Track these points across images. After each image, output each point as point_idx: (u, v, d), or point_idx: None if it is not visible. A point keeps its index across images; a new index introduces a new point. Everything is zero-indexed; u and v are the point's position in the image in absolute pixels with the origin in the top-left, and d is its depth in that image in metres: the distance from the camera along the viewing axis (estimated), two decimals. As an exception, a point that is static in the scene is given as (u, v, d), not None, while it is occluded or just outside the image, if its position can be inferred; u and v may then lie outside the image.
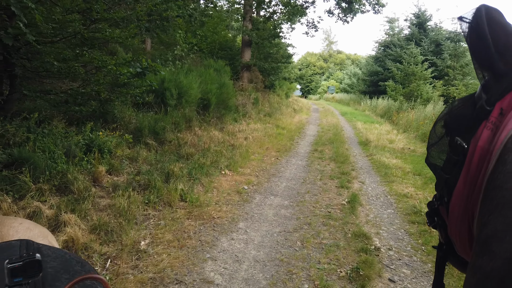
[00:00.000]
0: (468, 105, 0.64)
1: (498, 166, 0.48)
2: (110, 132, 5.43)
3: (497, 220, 0.44)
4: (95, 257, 3.22)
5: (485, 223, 0.47)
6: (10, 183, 3.55)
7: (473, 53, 0.59)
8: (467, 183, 0.57)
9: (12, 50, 4.28)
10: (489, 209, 0.47)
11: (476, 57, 0.59)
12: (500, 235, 0.42)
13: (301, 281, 3.23)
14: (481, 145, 0.54)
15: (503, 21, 0.57)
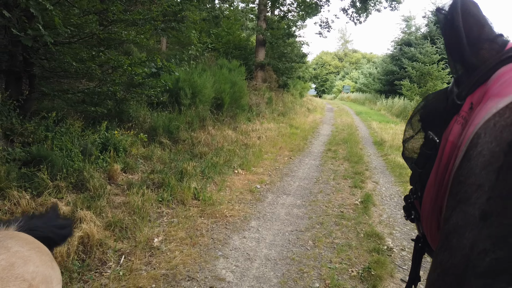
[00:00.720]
0: (441, 99, 0.64)
1: (464, 162, 0.47)
2: (125, 131, 5.53)
3: (458, 216, 0.44)
4: (109, 253, 3.29)
5: (447, 218, 0.46)
6: (28, 180, 3.66)
7: (447, 45, 0.58)
8: (437, 178, 0.56)
9: (32, 50, 4.41)
10: (452, 204, 0.46)
11: (449, 50, 0.58)
12: (460, 231, 0.42)
13: (312, 280, 3.24)
14: (452, 140, 0.54)
15: (477, 13, 0.56)
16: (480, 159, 0.44)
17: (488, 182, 0.41)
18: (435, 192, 0.57)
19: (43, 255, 1.18)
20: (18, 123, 4.11)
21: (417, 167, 0.67)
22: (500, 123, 0.44)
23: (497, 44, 0.55)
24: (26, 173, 3.68)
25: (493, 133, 0.44)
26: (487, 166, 0.42)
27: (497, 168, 0.41)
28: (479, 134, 0.46)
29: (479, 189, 0.42)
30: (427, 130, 0.64)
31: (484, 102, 0.49)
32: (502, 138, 0.42)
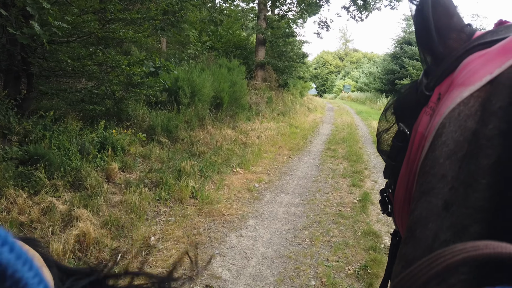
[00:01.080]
0: (412, 91, 0.63)
1: (429, 152, 0.47)
2: (123, 130, 5.53)
3: (422, 206, 0.43)
4: (106, 251, 3.29)
5: (413, 209, 0.46)
6: (25, 179, 3.67)
7: (417, 35, 0.58)
8: (407, 170, 0.56)
9: (29, 50, 4.41)
10: (417, 195, 0.46)
11: (419, 40, 0.58)
12: (424, 222, 0.41)
13: (309, 278, 3.24)
14: (420, 131, 0.53)
15: (447, 3, 0.56)
16: (444, 149, 0.43)
17: (451, 171, 0.41)
18: (406, 184, 0.56)
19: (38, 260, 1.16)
20: (15, 122, 4.12)
21: (390, 159, 0.66)
22: (464, 112, 0.43)
23: (464, 34, 0.54)
24: (23, 172, 3.69)
25: (457, 122, 0.43)
26: (451, 155, 0.42)
27: (461, 157, 0.41)
28: (444, 124, 0.45)
29: (442, 179, 0.42)
30: (399, 122, 0.63)
31: (450, 91, 0.48)
32: (466, 127, 0.42)
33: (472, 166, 0.38)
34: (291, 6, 15.77)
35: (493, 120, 0.38)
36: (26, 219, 3.27)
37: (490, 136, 0.38)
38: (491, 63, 0.44)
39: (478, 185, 0.36)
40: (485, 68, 0.44)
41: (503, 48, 0.44)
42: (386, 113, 0.75)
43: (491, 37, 0.50)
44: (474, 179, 0.37)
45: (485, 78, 0.43)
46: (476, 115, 0.42)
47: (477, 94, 0.43)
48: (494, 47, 0.47)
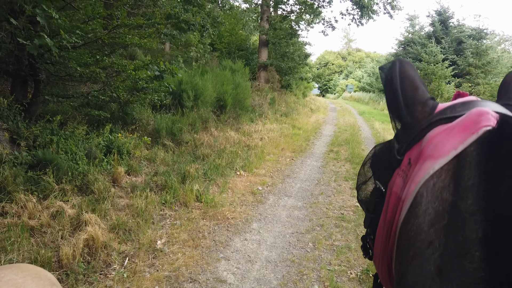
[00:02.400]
0: (386, 151, 0.69)
1: (410, 218, 0.51)
2: (129, 134, 5.61)
3: (415, 271, 0.46)
4: (113, 255, 3.37)
5: (404, 272, 0.49)
6: (35, 184, 3.75)
7: (387, 102, 0.63)
8: (385, 226, 0.60)
9: (37, 55, 4.49)
10: (406, 260, 0.49)
11: (390, 108, 0.63)
12: (420, 286, 0.45)
13: (312, 282, 3.31)
14: (395, 191, 0.58)
15: (413, 75, 0.61)
16: (427, 217, 0.47)
17: (438, 239, 0.45)
18: (384, 238, 0.61)
19: (40, 280, 1.18)
20: (24, 126, 4.20)
21: (368, 212, 0.72)
22: (438, 184, 0.48)
23: (428, 107, 0.60)
24: (32, 177, 3.77)
25: (434, 193, 0.48)
26: (434, 224, 0.46)
27: (444, 227, 0.45)
28: (422, 193, 0.50)
29: (430, 246, 0.45)
30: (375, 179, 0.69)
31: (421, 162, 0.53)
32: (442, 198, 0.46)
33: (460, 237, 0.41)
34: (294, 8, 15.81)
35: (470, 196, 0.42)
36: (36, 224, 3.35)
37: (472, 211, 0.41)
38: (454, 139, 0.49)
39: (472, 257, 0.39)
40: (450, 142, 0.49)
41: (462, 126, 0.50)
42: (364, 167, 0.81)
43: (450, 113, 0.55)
44: (466, 250, 0.40)
45: (451, 153, 0.48)
46: (449, 187, 0.46)
47: (447, 168, 0.48)
48: (454, 123, 0.52)
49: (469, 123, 0.49)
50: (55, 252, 3.14)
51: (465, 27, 23.23)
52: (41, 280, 1.17)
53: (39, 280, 1.17)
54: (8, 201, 3.44)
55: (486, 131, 0.45)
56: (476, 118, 0.48)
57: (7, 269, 1.16)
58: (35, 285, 1.13)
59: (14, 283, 1.07)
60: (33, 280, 1.15)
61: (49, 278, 1.24)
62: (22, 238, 3.09)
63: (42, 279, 1.19)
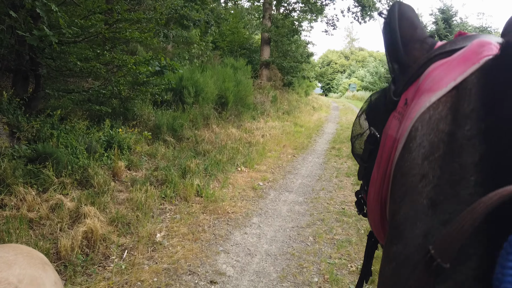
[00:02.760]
0: (382, 98, 0.67)
1: (404, 154, 0.49)
2: (130, 129, 5.61)
3: (407, 206, 0.45)
4: (112, 248, 3.36)
5: (396, 210, 0.48)
6: (34, 177, 3.75)
7: (385, 46, 0.62)
8: (379, 171, 0.58)
9: (38, 50, 4.49)
10: (399, 195, 0.48)
11: (387, 50, 0.61)
12: (411, 221, 0.43)
13: (311, 275, 3.29)
14: (390, 134, 0.56)
15: (412, 15, 0.60)
16: (421, 151, 0.46)
17: (431, 171, 0.43)
18: (378, 184, 0.59)
19: (32, 259, 1.18)
20: (24, 121, 4.20)
21: (362, 161, 0.70)
22: (435, 116, 0.46)
23: (427, 44, 0.58)
24: (32, 170, 3.77)
25: (429, 125, 0.46)
26: (428, 156, 0.45)
27: (438, 157, 0.43)
28: (416, 127, 0.48)
29: (423, 179, 0.44)
30: (370, 126, 0.67)
31: (418, 97, 0.52)
32: (438, 129, 0.45)
33: (455, 164, 0.40)
34: (296, 6, 15.79)
35: (469, 122, 0.41)
36: (35, 216, 3.35)
37: (469, 136, 0.40)
38: (453, 71, 0.47)
39: (467, 182, 0.38)
40: (449, 75, 0.47)
41: (462, 57, 0.48)
42: (359, 118, 0.78)
43: (450, 47, 0.53)
44: (461, 176, 0.39)
45: (449, 84, 0.46)
46: (447, 118, 0.45)
47: (444, 99, 0.46)
48: (454, 56, 0.50)
49: (470, 54, 0.47)
50: (53, 244, 3.14)
51: (468, 25, 23.14)
52: (33, 259, 1.18)
53: (30, 258, 1.17)
54: (7, 193, 3.44)
55: (489, 60, 0.44)
56: (478, 49, 0.46)
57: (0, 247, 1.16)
58: (26, 263, 1.12)
59: (5, 260, 1.08)
60: (25, 258, 1.15)
61: (40, 257, 1.24)
62: (21, 230, 3.09)
63: (34, 258, 1.19)
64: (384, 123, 0.60)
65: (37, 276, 1.12)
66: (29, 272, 1.10)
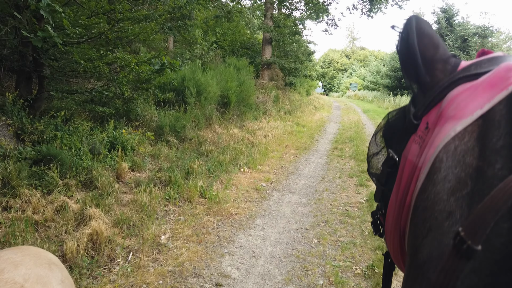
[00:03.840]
0: (400, 118, 0.63)
1: (428, 186, 0.46)
2: (133, 130, 5.61)
3: (431, 245, 0.42)
4: (118, 250, 3.37)
5: (419, 246, 0.45)
6: (39, 179, 3.75)
7: (402, 63, 0.58)
8: (398, 197, 0.56)
9: (41, 51, 4.49)
10: (422, 232, 0.45)
11: (405, 69, 0.58)
12: (435, 262, 0.41)
13: (316, 277, 3.28)
14: (410, 159, 0.54)
15: (431, 32, 0.57)
16: (446, 185, 0.43)
17: (459, 209, 0.41)
18: (396, 211, 0.57)
19: (39, 259, 1.20)
20: (28, 122, 4.20)
21: (380, 184, 0.67)
22: (460, 147, 0.44)
23: (450, 65, 0.55)
24: (36, 172, 3.77)
25: (455, 157, 0.44)
26: (455, 192, 0.42)
27: (466, 195, 0.40)
28: (441, 158, 0.46)
29: (450, 217, 0.41)
30: (388, 148, 0.65)
31: (441, 124, 0.49)
32: (465, 162, 0.42)
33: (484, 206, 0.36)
34: (298, 6, 15.75)
35: (499, 160, 0.38)
36: (40, 218, 3.34)
37: (501, 176, 0.37)
38: (479, 97, 0.45)
39: (501, 230, 0.35)
40: (474, 102, 0.45)
41: (488, 83, 0.45)
42: (376, 136, 0.76)
43: (475, 70, 0.51)
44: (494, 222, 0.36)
45: (476, 112, 0.44)
46: (474, 150, 0.42)
47: (471, 129, 0.44)
48: (479, 80, 0.48)
49: (497, 79, 0.44)
50: (59, 246, 3.14)
51: (469, 24, 23.06)
52: (39, 259, 1.20)
53: (37, 259, 1.19)
54: (12, 195, 3.44)
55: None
56: (506, 73, 0.44)
57: (9, 250, 1.19)
58: (32, 263, 1.15)
59: (12, 261, 1.10)
60: (31, 259, 1.17)
61: (49, 258, 1.26)
62: (27, 232, 3.09)
63: (41, 258, 1.22)
64: (403, 145, 0.58)
65: (43, 275, 1.14)
66: (35, 271, 1.12)
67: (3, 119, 3.99)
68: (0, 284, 1.00)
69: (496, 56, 0.52)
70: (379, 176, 0.68)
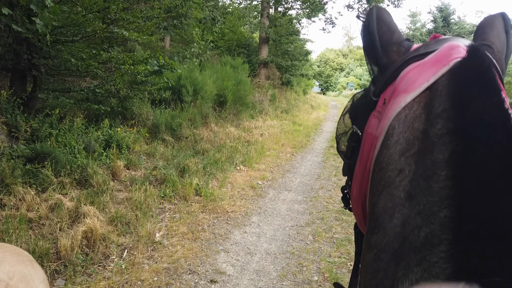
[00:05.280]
0: (363, 97, 0.71)
1: (383, 150, 0.53)
2: (128, 128, 5.59)
3: (385, 199, 0.48)
4: (112, 247, 3.36)
5: (375, 202, 0.51)
6: (33, 177, 3.74)
7: (364, 48, 0.65)
8: (361, 167, 0.62)
9: (35, 49, 4.47)
10: (378, 189, 0.51)
11: (366, 52, 0.65)
12: (390, 212, 0.46)
13: (311, 273, 3.29)
14: (370, 132, 0.60)
15: (389, 20, 0.64)
16: (398, 147, 0.49)
17: (407, 166, 0.46)
18: (359, 179, 0.63)
19: (20, 256, 1.18)
20: (22, 120, 4.18)
21: (346, 158, 0.74)
22: (410, 115, 0.50)
23: (403, 47, 0.62)
24: (30, 170, 3.75)
25: (405, 124, 0.50)
26: (404, 152, 0.48)
27: (414, 154, 0.46)
28: (394, 125, 0.52)
29: (400, 173, 0.47)
30: (353, 125, 0.71)
31: (394, 97, 0.55)
32: (413, 127, 0.48)
33: (428, 161, 0.43)
34: (294, 4, 15.75)
35: (440, 122, 0.44)
36: (34, 216, 3.33)
37: (440, 134, 0.43)
38: (426, 72, 0.51)
39: (438, 177, 0.41)
40: (422, 76, 0.51)
41: (434, 60, 0.52)
42: (344, 117, 0.83)
43: (424, 50, 0.57)
44: (433, 171, 0.42)
45: (423, 85, 0.50)
46: (421, 117, 0.48)
47: (418, 99, 0.50)
48: (427, 59, 0.54)
49: (441, 57, 0.51)
50: (53, 244, 3.13)
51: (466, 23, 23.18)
52: (20, 256, 1.19)
53: (18, 256, 1.18)
54: (6, 193, 3.43)
55: (457, 62, 0.48)
56: (448, 51, 0.51)
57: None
58: (15, 260, 1.13)
59: None
60: (13, 255, 1.16)
61: (27, 255, 1.26)
62: (21, 230, 3.07)
63: (22, 255, 1.21)
64: (365, 121, 0.64)
65: (26, 273, 1.12)
66: (18, 269, 1.11)
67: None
68: None
69: (443, 38, 0.59)
70: (345, 151, 0.75)
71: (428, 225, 0.40)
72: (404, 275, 0.40)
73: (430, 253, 0.39)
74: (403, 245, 0.42)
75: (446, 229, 0.38)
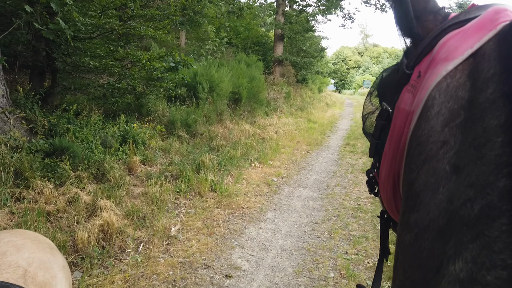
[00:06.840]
0: (393, 72, 0.66)
1: (421, 123, 0.49)
2: (144, 124, 5.63)
3: (427, 173, 0.45)
4: (128, 241, 3.38)
5: (414, 178, 0.47)
6: (51, 171, 3.79)
7: (396, 20, 0.61)
8: (391, 145, 0.58)
9: (54, 46, 4.54)
10: (417, 165, 0.48)
11: (399, 24, 0.61)
12: (433, 187, 0.43)
13: (327, 270, 3.24)
14: (403, 108, 0.56)
15: None
16: (440, 118, 0.46)
17: (453, 137, 0.43)
18: (390, 158, 0.59)
19: (40, 243, 1.17)
20: (41, 115, 4.25)
21: (374, 138, 0.70)
22: (452, 84, 0.46)
23: (440, 16, 0.58)
24: (49, 164, 3.80)
25: (447, 93, 0.46)
26: (448, 123, 0.45)
27: (459, 123, 0.43)
28: (434, 96, 0.48)
29: (444, 145, 0.44)
30: (382, 102, 0.67)
31: (432, 68, 0.51)
32: (457, 96, 0.45)
33: (479, 128, 0.40)
34: (309, 1, 15.62)
35: (491, 86, 0.40)
36: (52, 209, 3.38)
37: (492, 99, 0.40)
38: (469, 39, 0.47)
39: (493, 144, 0.38)
40: (465, 43, 0.48)
41: (478, 25, 0.48)
42: (370, 96, 0.79)
43: (464, 16, 0.53)
44: (486, 139, 0.39)
45: (466, 52, 0.46)
46: (465, 85, 0.45)
47: (461, 67, 0.46)
48: (468, 25, 0.50)
49: (486, 21, 0.47)
50: (70, 237, 3.16)
51: (486, 19, 22.61)
52: (40, 243, 1.18)
53: (38, 243, 1.17)
54: (25, 186, 3.48)
55: (506, 25, 0.44)
56: (493, 16, 0.47)
57: (7, 232, 1.17)
58: (35, 247, 1.13)
59: (14, 244, 1.08)
60: (33, 242, 1.15)
61: (48, 242, 1.25)
62: (39, 223, 3.12)
63: (41, 242, 1.20)
64: (397, 97, 0.60)
65: (45, 260, 1.12)
66: (37, 256, 1.10)
67: (16, 112, 4.04)
68: (4, 267, 0.97)
69: (485, 4, 0.54)
70: (373, 131, 0.71)
71: (484, 197, 0.37)
72: (455, 253, 0.37)
73: (489, 227, 0.35)
74: (451, 221, 0.39)
75: (507, 199, 0.35)
